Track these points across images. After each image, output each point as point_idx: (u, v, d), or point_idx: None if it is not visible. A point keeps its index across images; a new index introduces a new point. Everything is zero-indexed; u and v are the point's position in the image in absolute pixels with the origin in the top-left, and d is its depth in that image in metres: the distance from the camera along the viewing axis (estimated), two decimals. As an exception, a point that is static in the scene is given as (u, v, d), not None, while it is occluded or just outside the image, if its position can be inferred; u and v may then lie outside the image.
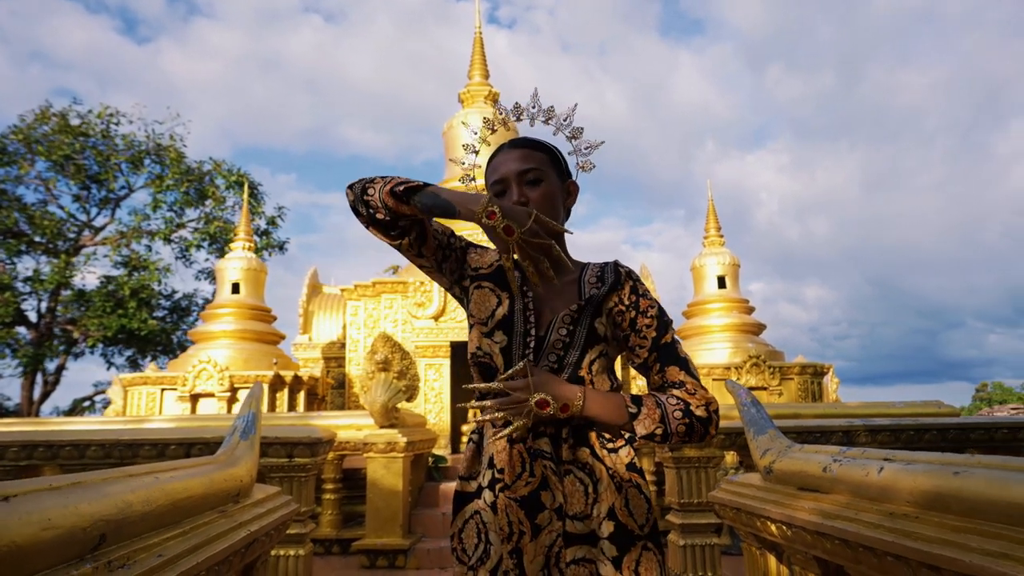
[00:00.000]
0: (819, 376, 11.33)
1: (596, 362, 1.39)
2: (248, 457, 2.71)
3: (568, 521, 1.29)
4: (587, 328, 1.40)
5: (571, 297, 1.45)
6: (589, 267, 1.51)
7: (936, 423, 4.18)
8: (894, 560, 1.68)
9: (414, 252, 1.46)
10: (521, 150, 1.47)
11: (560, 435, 1.35)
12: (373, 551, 5.87)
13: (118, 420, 6.85)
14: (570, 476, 1.32)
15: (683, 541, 4.22)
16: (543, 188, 1.44)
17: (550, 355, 1.39)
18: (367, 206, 1.36)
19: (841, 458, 2.19)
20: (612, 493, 1.32)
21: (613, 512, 1.30)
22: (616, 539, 1.28)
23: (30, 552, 1.09)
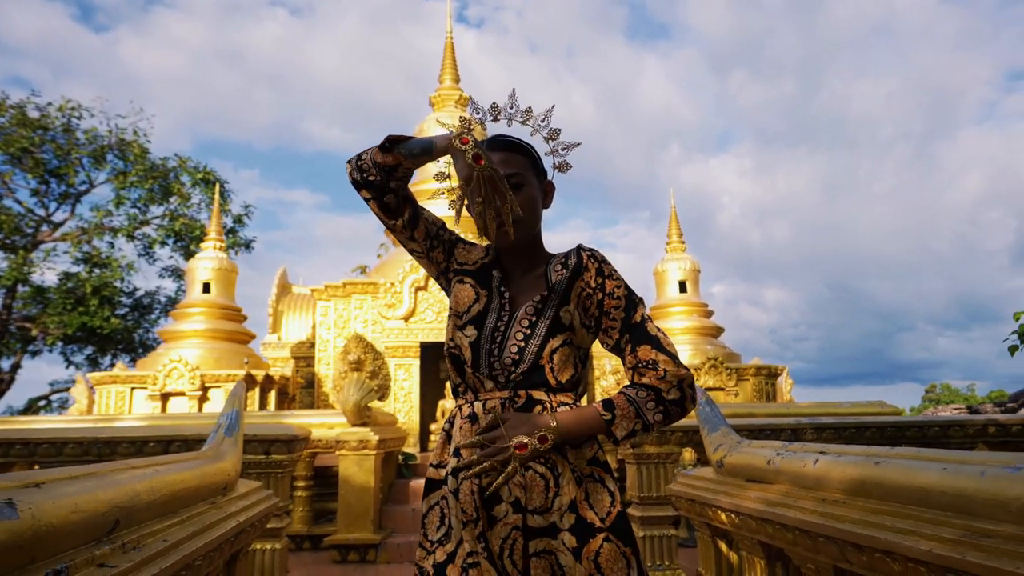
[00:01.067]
0: (774, 377, 11.70)
1: (559, 351, 1.37)
2: (233, 453, 2.82)
3: (528, 515, 1.28)
4: (551, 318, 1.39)
5: (540, 288, 1.45)
6: (555, 257, 1.50)
7: (875, 421, 4.44)
8: (825, 541, 1.87)
9: (407, 235, 1.50)
10: (502, 153, 1.46)
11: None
12: (345, 546, 5.96)
13: (89, 419, 6.82)
14: (531, 471, 1.30)
15: (642, 533, 4.41)
16: (525, 193, 1.44)
17: (512, 347, 1.37)
18: (361, 171, 1.41)
19: (783, 452, 2.38)
20: (573, 487, 1.31)
21: (574, 505, 1.29)
22: (576, 531, 1.27)
23: (64, 533, 1.21)
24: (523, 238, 1.45)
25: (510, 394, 1.37)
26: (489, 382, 1.38)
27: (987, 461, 1.44)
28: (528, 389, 1.37)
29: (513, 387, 1.37)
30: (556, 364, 1.37)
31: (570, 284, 1.41)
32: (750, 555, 2.65)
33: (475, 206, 1.34)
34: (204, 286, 10.81)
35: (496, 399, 1.37)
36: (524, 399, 1.36)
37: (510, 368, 1.37)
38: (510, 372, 1.37)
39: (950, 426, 4.45)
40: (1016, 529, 1.27)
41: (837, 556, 1.83)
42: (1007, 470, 1.35)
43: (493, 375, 1.37)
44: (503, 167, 1.43)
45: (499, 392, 1.37)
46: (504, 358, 1.37)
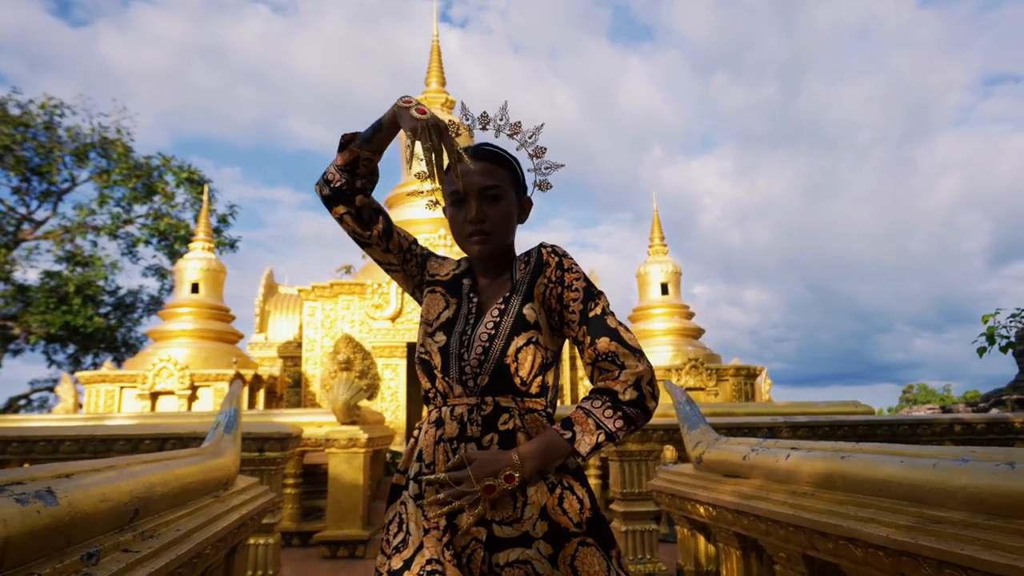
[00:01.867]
0: (752, 378, 11.90)
1: (523, 350, 1.34)
2: (232, 449, 2.90)
3: (496, 526, 1.25)
4: (514, 316, 1.37)
5: (505, 290, 1.44)
6: (519, 257, 1.48)
7: (848, 420, 4.59)
8: (795, 530, 1.99)
9: (382, 247, 1.49)
10: (484, 163, 1.43)
11: (482, 442, 1.31)
12: (334, 542, 6.03)
13: (79, 417, 6.83)
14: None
15: (625, 527, 4.53)
16: (502, 207, 1.43)
17: (477, 347, 1.35)
18: (327, 183, 1.42)
19: (758, 448, 2.50)
20: (543, 494, 1.28)
21: (545, 512, 1.27)
22: (550, 537, 1.25)
23: (94, 520, 1.30)
24: (495, 250, 1.45)
25: (477, 400, 1.34)
26: (458, 387, 1.36)
27: (939, 454, 1.56)
28: (495, 395, 1.34)
29: (480, 392, 1.34)
30: (521, 363, 1.34)
31: (532, 281, 1.40)
32: (726, 546, 2.77)
33: (424, 154, 1.32)
34: (193, 286, 10.82)
35: (463, 405, 1.35)
36: (491, 406, 1.33)
37: (476, 370, 1.34)
38: (477, 374, 1.34)
39: (918, 424, 4.62)
40: (962, 515, 1.39)
41: (806, 544, 1.95)
42: (955, 462, 1.47)
43: (462, 380, 1.35)
44: (484, 177, 1.41)
45: (467, 398, 1.35)
46: (471, 359, 1.35)
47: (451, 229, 1.46)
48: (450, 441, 1.32)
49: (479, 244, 1.41)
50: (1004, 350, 6.45)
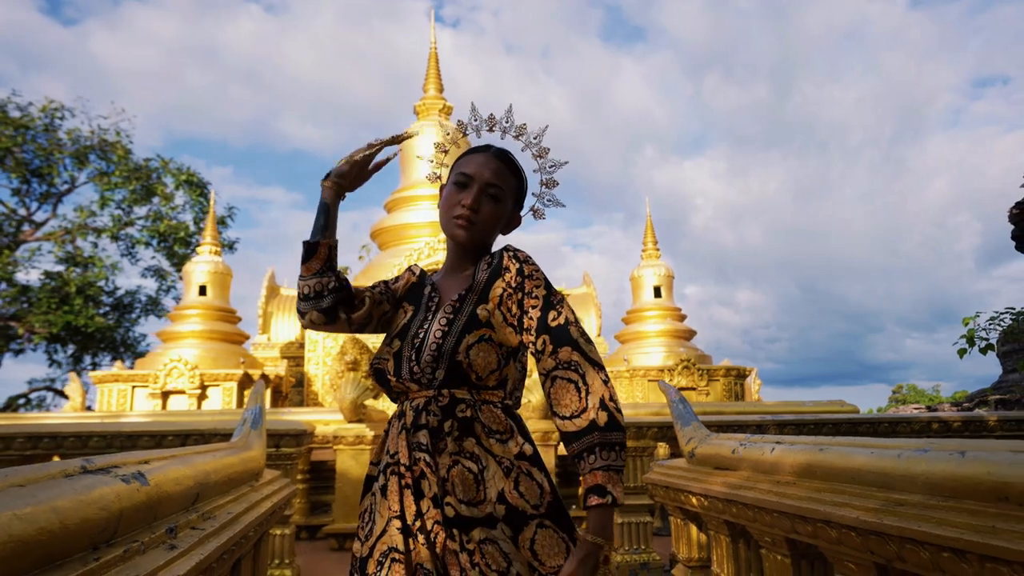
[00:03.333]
0: (743, 378, 12.10)
1: (475, 347, 1.33)
2: (259, 444, 3.08)
3: (463, 506, 1.27)
4: (467, 315, 1.37)
5: (463, 287, 1.45)
6: (480, 265, 1.47)
7: (832, 418, 4.79)
8: (778, 516, 2.17)
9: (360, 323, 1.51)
10: (498, 163, 1.47)
11: (443, 428, 1.33)
12: (342, 534, 6.19)
13: (95, 415, 6.98)
14: (458, 466, 1.30)
15: (620, 520, 4.71)
16: (496, 208, 1.46)
17: (431, 344, 1.36)
18: (305, 299, 1.46)
19: (746, 443, 2.69)
20: (501, 479, 1.30)
21: (503, 496, 1.28)
22: (509, 520, 1.27)
23: (171, 499, 1.48)
24: (472, 241, 1.46)
25: (434, 393, 1.35)
26: (414, 384, 1.37)
27: (903, 446, 1.75)
28: (451, 388, 1.35)
29: (438, 386, 1.35)
30: (474, 360, 1.33)
31: (489, 283, 1.40)
32: (717, 533, 2.96)
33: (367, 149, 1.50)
34: (200, 288, 10.97)
35: (421, 398, 1.36)
36: (448, 398, 1.34)
37: (432, 365, 1.35)
38: (433, 370, 1.35)
39: (899, 423, 4.82)
40: (921, 498, 1.58)
41: (788, 528, 2.13)
42: (916, 452, 1.66)
43: (415, 378, 1.36)
44: (494, 175, 1.45)
45: (425, 391, 1.36)
46: (424, 356, 1.36)
47: (441, 205, 1.50)
48: (410, 429, 1.33)
49: (462, 228, 1.43)
50: (984, 351, 6.66)
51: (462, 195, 1.44)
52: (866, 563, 1.76)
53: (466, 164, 1.47)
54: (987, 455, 1.44)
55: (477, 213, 1.43)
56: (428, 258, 12.37)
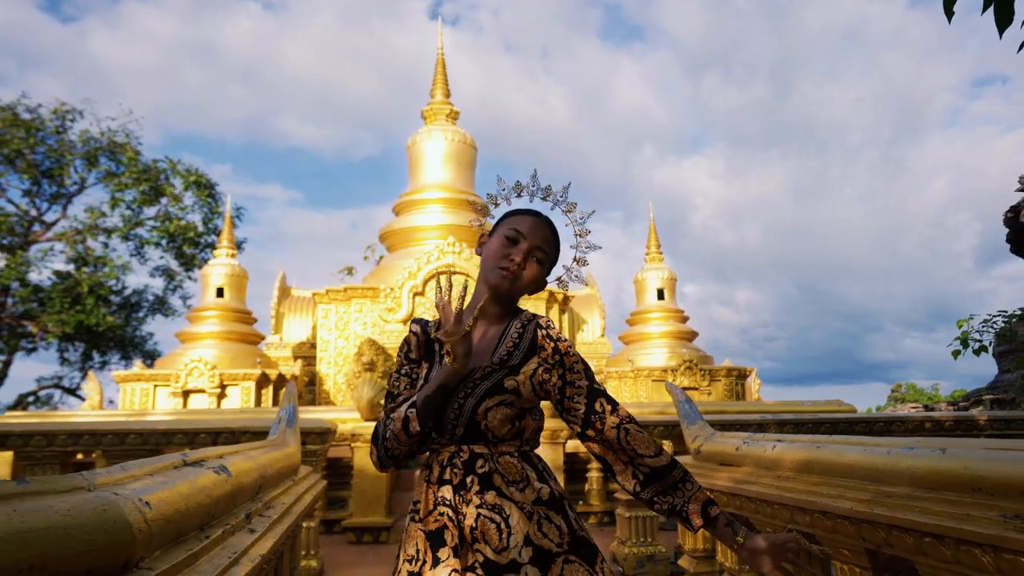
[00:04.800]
0: (743, 378, 12.26)
1: (492, 410, 1.43)
2: (294, 441, 3.25)
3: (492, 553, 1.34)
4: (494, 381, 1.45)
5: (487, 351, 1.51)
6: (513, 325, 1.55)
7: (830, 417, 4.95)
8: (779, 508, 2.34)
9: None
10: (547, 232, 1.56)
11: (465, 483, 1.41)
12: (359, 528, 6.38)
13: (121, 413, 7.17)
14: (482, 519, 1.37)
15: (628, 514, 4.88)
16: (537, 270, 1.54)
17: (454, 404, 1.44)
18: (407, 456, 1.48)
19: (748, 440, 2.86)
20: (524, 523, 1.37)
21: (529, 539, 1.35)
22: (536, 561, 1.34)
23: (245, 489, 1.65)
24: (508, 295, 1.53)
25: (456, 448, 1.45)
26: (437, 436, 1.46)
27: (892, 443, 1.92)
28: (469, 443, 1.45)
29: (458, 441, 1.45)
30: (490, 420, 1.43)
31: (524, 360, 1.49)
32: (722, 525, 3.13)
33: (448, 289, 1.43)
34: (218, 291, 11.16)
35: (445, 453, 1.45)
36: (468, 454, 1.44)
37: (453, 422, 1.44)
38: (452, 427, 1.44)
39: (893, 422, 4.98)
40: (907, 490, 1.74)
41: (788, 519, 2.30)
42: (903, 450, 1.82)
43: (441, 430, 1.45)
44: (543, 241, 1.54)
45: (447, 448, 1.46)
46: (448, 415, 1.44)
47: (488, 254, 1.54)
48: (436, 484, 1.44)
49: (505, 280, 1.50)
50: (977, 353, 6.81)
51: (512, 250, 1.50)
52: (858, 549, 1.93)
53: (520, 222, 1.54)
54: (964, 452, 1.61)
55: (522, 270, 1.50)
56: (437, 260, 12.56)
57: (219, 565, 1.14)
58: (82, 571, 0.80)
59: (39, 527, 0.75)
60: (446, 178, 14.74)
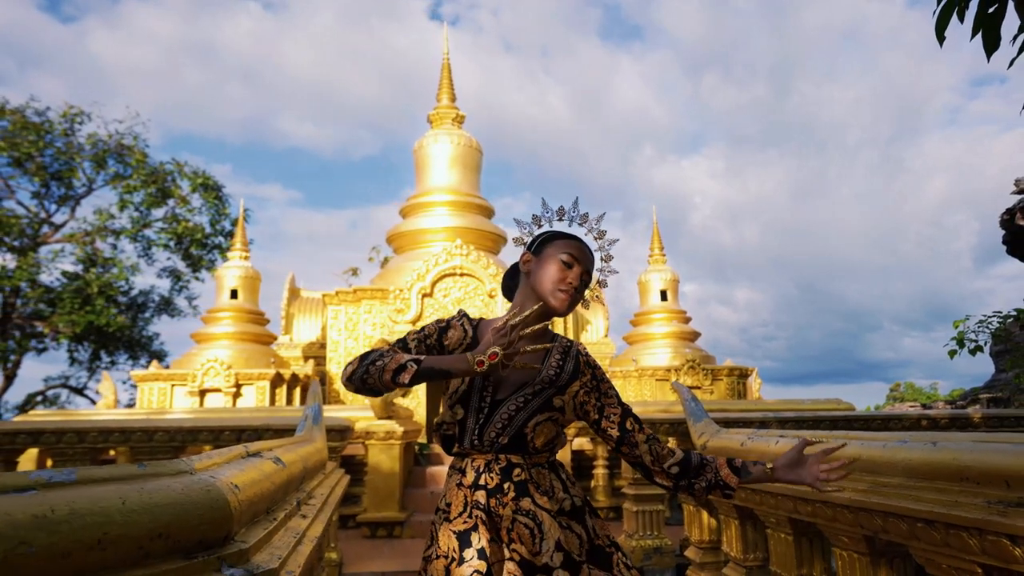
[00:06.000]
0: (744, 377, 12.38)
1: (540, 425, 1.55)
2: (321, 437, 3.39)
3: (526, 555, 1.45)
4: (543, 399, 1.56)
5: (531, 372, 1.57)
6: (555, 347, 1.66)
7: (829, 415, 5.07)
8: (783, 499, 2.46)
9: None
10: (592, 259, 1.70)
11: (502, 488, 1.51)
12: (374, 523, 6.51)
13: (142, 412, 7.30)
14: (518, 523, 1.47)
15: (636, 508, 5.01)
16: (582, 292, 1.68)
17: (503, 414, 1.54)
18: (371, 390, 1.50)
19: (753, 436, 2.98)
20: (555, 529, 1.48)
21: (559, 544, 1.47)
22: (566, 566, 1.45)
23: (294, 478, 1.78)
24: (564, 314, 1.65)
25: (493, 456, 1.54)
26: (472, 449, 1.56)
27: (888, 438, 2.04)
28: (508, 454, 1.54)
29: (496, 451, 1.54)
30: (537, 434, 1.55)
31: (570, 381, 1.62)
32: (727, 517, 3.25)
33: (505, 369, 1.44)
34: (232, 292, 11.31)
35: (481, 460, 1.54)
36: (504, 462, 1.53)
37: (497, 431, 1.53)
38: (496, 435, 1.53)
39: (890, 419, 5.10)
40: (902, 480, 1.87)
41: (791, 509, 2.42)
42: (898, 443, 1.95)
43: (474, 445, 1.55)
44: (590, 266, 1.67)
45: (484, 455, 1.54)
46: (490, 429, 1.53)
47: (545, 276, 1.62)
48: (468, 488, 1.52)
49: (564, 302, 1.61)
50: (973, 353, 6.92)
51: (568, 273, 1.62)
52: (856, 535, 2.05)
53: (573, 247, 1.65)
54: (953, 444, 1.74)
55: (578, 292, 1.64)
56: (445, 263, 12.69)
57: (288, 544, 1.27)
58: (195, 541, 0.94)
59: (164, 502, 0.88)
60: (452, 181, 14.88)
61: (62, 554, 0.73)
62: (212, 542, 0.97)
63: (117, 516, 0.81)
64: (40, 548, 0.71)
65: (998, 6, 2.01)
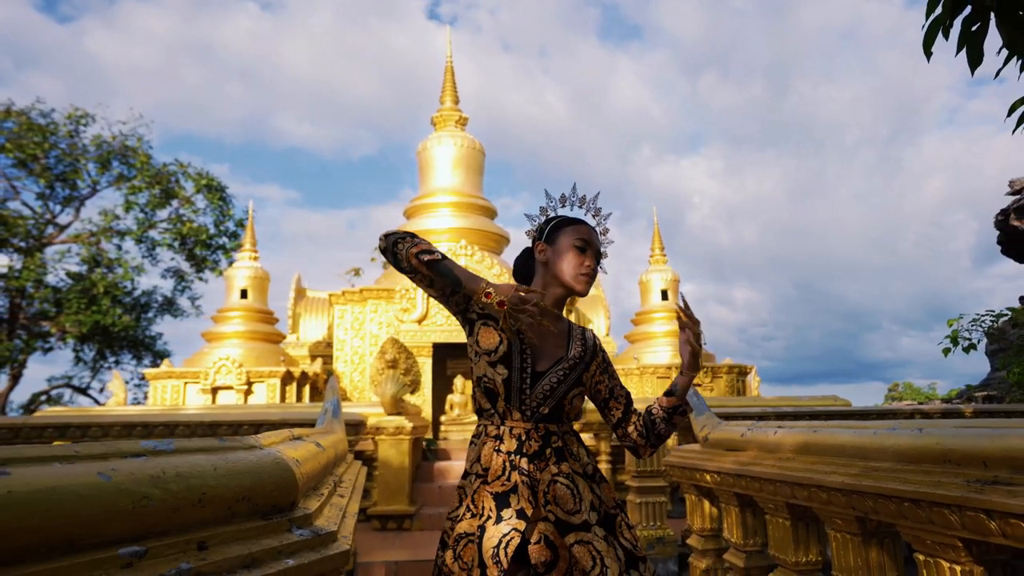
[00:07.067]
0: (743, 375, 12.50)
1: (576, 397, 1.73)
2: (340, 430, 3.51)
3: (564, 514, 1.58)
4: (576, 376, 1.72)
5: (560, 343, 1.74)
6: (574, 328, 1.82)
7: (826, 411, 5.19)
8: (781, 485, 2.59)
9: (426, 283, 1.68)
10: (597, 236, 1.84)
11: (543, 454, 1.64)
12: (384, 516, 6.65)
13: (156, 408, 7.43)
14: (557, 484, 1.61)
15: (639, 500, 5.14)
16: (596, 271, 1.82)
17: (545, 387, 1.67)
18: (395, 256, 1.64)
19: (752, 427, 3.11)
20: (588, 491, 1.64)
21: (593, 505, 1.63)
22: (601, 523, 1.62)
23: (331, 462, 1.91)
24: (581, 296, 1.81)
25: (532, 425, 1.65)
26: (516, 412, 1.66)
27: (878, 426, 2.17)
28: (546, 423, 1.67)
29: (536, 420, 1.66)
30: (574, 405, 1.73)
31: (590, 360, 1.77)
32: (727, 505, 3.37)
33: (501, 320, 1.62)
34: (242, 292, 11.44)
35: (521, 427, 1.65)
36: (543, 431, 1.66)
37: (539, 402, 1.66)
38: (539, 406, 1.66)
39: (884, 414, 5.22)
40: (891, 464, 2.00)
41: (788, 495, 2.55)
42: (887, 431, 2.08)
43: (521, 408, 1.66)
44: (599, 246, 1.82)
45: (524, 423, 1.65)
46: (536, 394, 1.66)
47: (565, 263, 1.76)
48: (508, 453, 1.62)
49: (586, 285, 1.78)
50: (967, 351, 7.05)
51: (585, 258, 1.77)
52: (849, 517, 2.18)
53: (586, 233, 1.80)
54: (937, 430, 1.86)
55: (593, 275, 1.79)
56: (450, 263, 12.83)
57: (337, 516, 1.40)
58: (269, 504, 1.07)
59: (244, 470, 1.02)
60: (456, 183, 15.00)
61: (172, 508, 0.87)
62: (283, 507, 1.10)
63: (211, 479, 0.94)
64: (157, 502, 0.84)
65: (980, 24, 2.14)
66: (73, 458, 0.82)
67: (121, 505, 0.79)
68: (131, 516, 0.83)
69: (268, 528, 1.04)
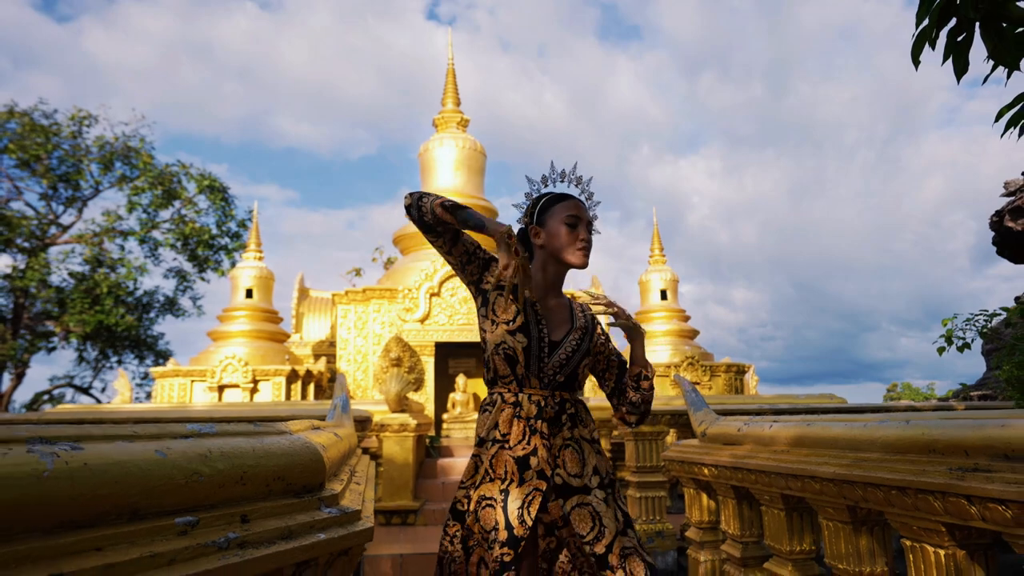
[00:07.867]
0: (742, 374, 12.59)
1: (586, 367, 1.83)
2: (349, 424, 3.60)
3: (569, 477, 1.67)
4: (585, 348, 1.81)
5: (565, 317, 1.84)
6: (572, 302, 1.92)
7: (822, 407, 5.28)
8: (776, 476, 2.67)
9: (445, 250, 1.76)
10: (585, 206, 1.89)
11: (559, 420, 1.73)
12: (389, 511, 6.73)
13: (165, 406, 7.52)
14: (569, 448, 1.71)
15: (639, 494, 5.22)
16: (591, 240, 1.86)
17: (561, 356, 1.75)
18: (419, 211, 1.69)
19: (749, 422, 3.19)
20: (593, 457, 1.75)
21: (596, 469, 1.73)
22: (602, 487, 1.71)
23: (349, 450, 2.00)
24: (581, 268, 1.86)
25: (549, 393, 1.74)
26: (535, 380, 1.73)
27: (869, 419, 2.26)
28: (561, 391, 1.76)
29: (552, 388, 1.75)
30: (584, 375, 1.83)
31: (592, 332, 1.87)
32: (724, 497, 3.45)
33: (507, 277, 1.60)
34: (247, 292, 11.53)
35: (539, 395, 1.72)
36: (559, 399, 1.75)
37: (556, 371, 1.74)
38: (555, 374, 1.74)
39: (878, 411, 5.30)
40: (879, 455, 2.08)
41: (783, 486, 2.63)
42: (877, 423, 2.16)
43: (540, 376, 1.74)
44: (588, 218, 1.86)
45: (541, 390, 1.73)
46: (553, 363, 1.74)
47: (557, 240, 1.81)
48: (527, 419, 1.69)
49: (583, 257, 1.82)
50: (961, 350, 7.13)
51: (578, 231, 1.81)
52: (840, 506, 2.27)
53: (573, 208, 1.83)
54: (923, 422, 1.95)
55: (589, 245, 1.83)
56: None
57: (357, 501, 1.48)
58: (300, 484, 1.15)
59: (279, 452, 1.10)
60: (458, 184, 15.08)
61: (219, 484, 0.95)
62: (312, 487, 1.19)
63: (251, 460, 1.03)
64: (206, 478, 0.93)
65: (965, 35, 2.23)
66: (133, 437, 0.90)
67: (176, 479, 0.88)
68: (185, 489, 0.91)
69: (300, 505, 1.12)
